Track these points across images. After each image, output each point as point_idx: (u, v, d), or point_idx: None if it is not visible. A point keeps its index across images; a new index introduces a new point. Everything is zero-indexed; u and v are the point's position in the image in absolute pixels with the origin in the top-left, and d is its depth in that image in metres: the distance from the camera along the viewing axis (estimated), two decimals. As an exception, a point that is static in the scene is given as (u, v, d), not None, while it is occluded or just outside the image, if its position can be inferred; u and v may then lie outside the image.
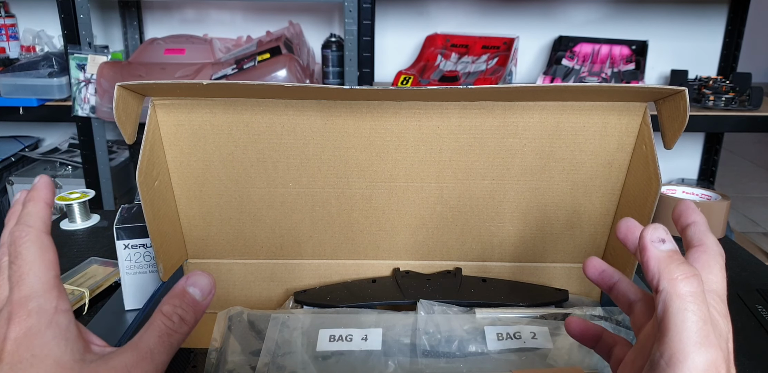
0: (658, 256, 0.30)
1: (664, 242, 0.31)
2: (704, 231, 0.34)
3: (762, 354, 0.62)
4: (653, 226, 0.31)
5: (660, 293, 0.29)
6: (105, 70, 1.59)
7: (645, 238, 0.31)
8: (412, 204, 0.63)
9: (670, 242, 0.31)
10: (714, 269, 0.32)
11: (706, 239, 0.33)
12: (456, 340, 0.56)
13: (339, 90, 0.52)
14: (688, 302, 0.28)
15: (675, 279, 0.29)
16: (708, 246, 0.33)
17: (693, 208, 0.35)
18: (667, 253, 0.30)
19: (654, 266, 0.30)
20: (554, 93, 0.57)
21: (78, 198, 0.92)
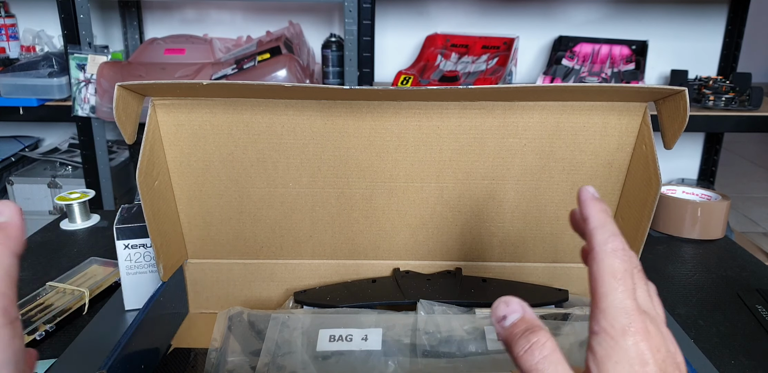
0: (502, 336, 0.31)
1: (505, 318, 0.32)
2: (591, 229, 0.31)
3: (762, 354, 0.62)
4: (494, 304, 0.32)
5: None
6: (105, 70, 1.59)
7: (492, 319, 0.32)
8: (412, 204, 0.63)
9: (512, 312, 0.31)
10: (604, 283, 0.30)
11: (592, 240, 0.31)
12: (456, 340, 0.56)
13: (339, 90, 0.52)
14: None
15: (520, 357, 0.30)
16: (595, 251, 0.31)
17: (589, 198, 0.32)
18: (508, 331, 0.31)
19: (504, 344, 0.31)
20: (554, 93, 0.57)
21: (78, 198, 0.92)
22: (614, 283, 0.30)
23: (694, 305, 0.72)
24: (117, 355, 0.49)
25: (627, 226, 0.60)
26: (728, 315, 0.70)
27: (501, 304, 0.32)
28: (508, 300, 0.32)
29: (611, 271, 0.30)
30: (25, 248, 0.30)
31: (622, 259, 0.30)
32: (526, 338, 0.30)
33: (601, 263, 0.30)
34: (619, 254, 0.30)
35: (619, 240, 0.31)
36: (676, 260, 0.84)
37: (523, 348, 0.30)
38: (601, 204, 0.32)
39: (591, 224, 0.32)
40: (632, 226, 0.59)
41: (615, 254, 0.30)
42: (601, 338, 0.29)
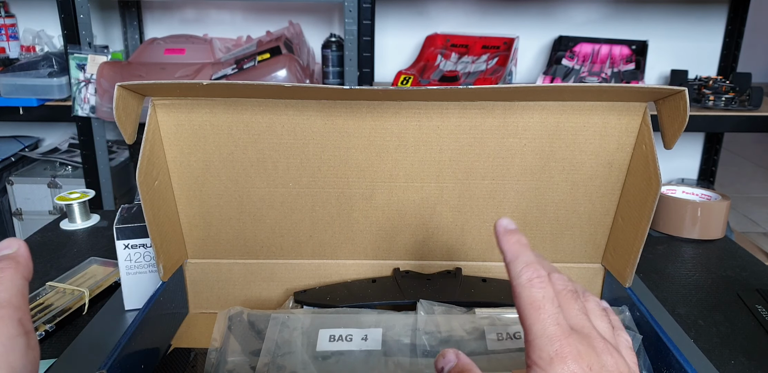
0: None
1: (443, 370, 0.34)
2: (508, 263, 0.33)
3: (762, 354, 0.62)
4: (437, 357, 0.35)
5: None
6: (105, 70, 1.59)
7: None
8: (412, 204, 0.63)
9: (446, 362, 0.34)
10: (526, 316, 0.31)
11: (510, 273, 0.32)
12: (456, 340, 0.56)
13: (339, 90, 0.52)
14: None
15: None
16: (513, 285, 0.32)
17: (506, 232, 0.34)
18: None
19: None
20: (554, 93, 0.57)
21: (78, 198, 0.92)
22: (535, 313, 0.30)
23: (694, 305, 0.72)
24: (117, 355, 0.49)
25: (627, 226, 0.60)
26: (728, 315, 0.70)
27: (439, 358, 0.34)
28: (444, 353, 0.34)
29: (530, 301, 0.31)
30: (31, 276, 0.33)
31: (539, 287, 0.31)
32: None
33: (520, 296, 0.31)
34: (535, 282, 0.31)
35: (532, 269, 0.32)
36: (676, 260, 0.84)
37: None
38: (515, 235, 0.34)
39: (506, 258, 0.33)
40: (632, 226, 0.59)
41: (531, 283, 0.31)
42: (533, 371, 0.30)
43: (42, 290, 0.70)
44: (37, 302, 0.68)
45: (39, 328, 0.63)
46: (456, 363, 0.33)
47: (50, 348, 0.62)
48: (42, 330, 0.63)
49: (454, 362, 0.34)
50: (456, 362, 0.34)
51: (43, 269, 0.78)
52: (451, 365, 0.34)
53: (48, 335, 0.63)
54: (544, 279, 0.31)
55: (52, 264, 0.80)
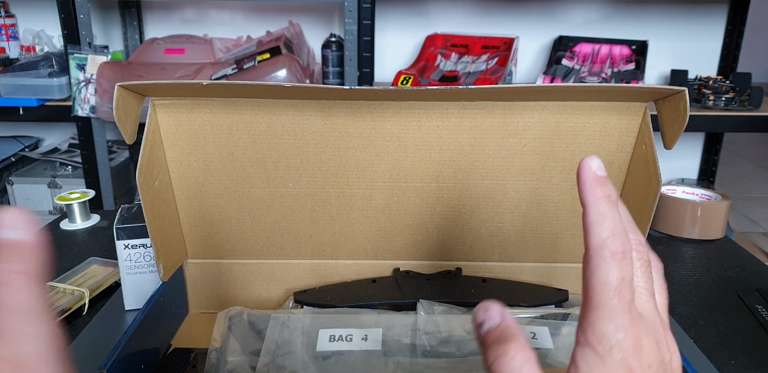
0: (479, 341, 0.29)
1: (482, 325, 0.29)
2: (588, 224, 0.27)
3: (762, 354, 0.62)
4: (475, 310, 0.29)
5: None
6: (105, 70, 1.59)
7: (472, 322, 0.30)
8: (412, 204, 0.63)
9: (489, 319, 0.28)
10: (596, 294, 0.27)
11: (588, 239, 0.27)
12: (456, 340, 0.56)
13: (339, 90, 0.52)
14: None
15: (490, 366, 0.28)
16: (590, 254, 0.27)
17: None
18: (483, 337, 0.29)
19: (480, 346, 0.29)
20: (554, 93, 0.57)
21: (78, 198, 0.92)
22: (608, 295, 0.26)
23: (694, 305, 0.72)
24: (117, 355, 0.49)
25: (627, 226, 0.60)
26: (728, 315, 0.70)
27: (480, 310, 0.29)
28: (488, 306, 0.28)
29: (605, 281, 0.26)
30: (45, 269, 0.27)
31: (621, 266, 0.26)
32: (496, 348, 0.27)
33: (595, 271, 0.26)
34: (618, 259, 0.26)
35: (619, 240, 0.26)
36: (676, 260, 0.84)
37: (492, 356, 0.27)
38: (605, 188, 0.27)
39: (589, 215, 0.27)
40: (632, 226, 0.59)
41: (614, 259, 0.26)
42: (586, 352, 0.27)
43: (42, 290, 0.70)
44: (37, 302, 0.68)
45: (39, 328, 0.63)
46: (499, 324, 0.28)
47: (50, 348, 0.62)
48: (42, 330, 0.63)
49: (497, 321, 0.28)
50: (500, 322, 0.28)
51: (43, 269, 0.78)
52: (493, 323, 0.28)
53: (48, 335, 0.63)
54: (629, 255, 0.27)
55: (52, 264, 0.79)
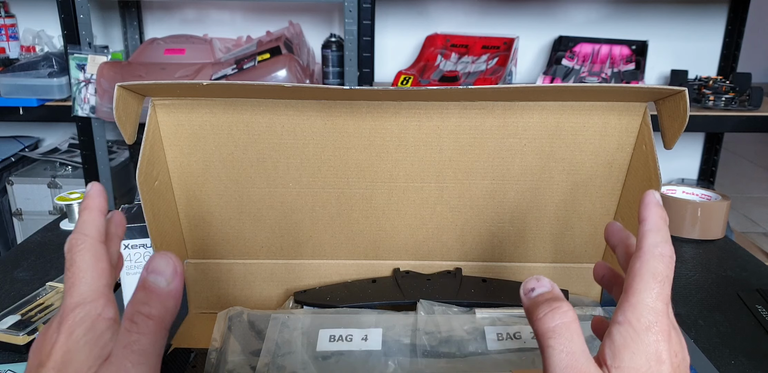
0: (526, 304, 0.32)
1: (533, 290, 0.32)
2: (646, 231, 0.33)
3: (762, 354, 0.62)
4: (526, 279, 0.33)
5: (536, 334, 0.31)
6: (105, 70, 1.59)
7: (521, 292, 0.33)
8: (412, 204, 0.63)
9: (541, 286, 0.32)
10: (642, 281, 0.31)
11: (644, 241, 0.32)
12: (456, 340, 0.56)
13: (339, 90, 0.52)
14: (548, 338, 0.29)
15: (539, 319, 0.30)
16: (643, 251, 0.32)
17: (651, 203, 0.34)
18: (533, 299, 0.32)
19: (527, 314, 0.32)
20: (554, 93, 0.57)
21: (78, 198, 0.92)
22: (652, 283, 0.31)
23: (694, 305, 0.72)
24: (117, 355, 0.48)
25: (627, 226, 0.60)
26: (728, 315, 0.70)
27: (532, 279, 0.32)
28: (539, 277, 0.33)
29: (654, 272, 0.31)
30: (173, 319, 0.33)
31: (667, 264, 0.31)
32: (549, 304, 0.30)
33: (646, 263, 0.31)
34: (666, 259, 0.31)
35: (669, 248, 0.32)
36: (676, 259, 0.84)
37: (543, 311, 0.30)
38: (663, 212, 0.33)
39: (647, 225, 0.33)
40: (632, 226, 0.59)
41: (662, 258, 0.31)
42: (624, 328, 0.30)
43: (42, 290, 0.70)
44: (37, 302, 0.68)
45: (39, 328, 0.63)
46: (549, 291, 0.32)
47: (50, 348, 0.62)
48: (42, 330, 0.63)
49: (548, 289, 0.32)
50: (550, 289, 0.32)
51: (43, 269, 0.78)
52: (544, 289, 0.32)
53: (48, 335, 0.63)
54: (673, 262, 0.32)
55: (52, 264, 0.80)
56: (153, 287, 0.31)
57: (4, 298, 0.71)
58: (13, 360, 0.60)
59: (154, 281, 0.31)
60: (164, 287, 0.31)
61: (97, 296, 0.32)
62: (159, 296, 0.31)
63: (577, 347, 0.29)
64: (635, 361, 0.29)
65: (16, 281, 0.75)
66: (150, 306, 0.31)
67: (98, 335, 0.31)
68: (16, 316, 0.64)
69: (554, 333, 0.29)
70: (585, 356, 0.29)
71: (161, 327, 0.31)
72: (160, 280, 0.31)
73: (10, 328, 0.62)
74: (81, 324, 0.31)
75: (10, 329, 0.62)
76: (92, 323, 0.31)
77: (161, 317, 0.31)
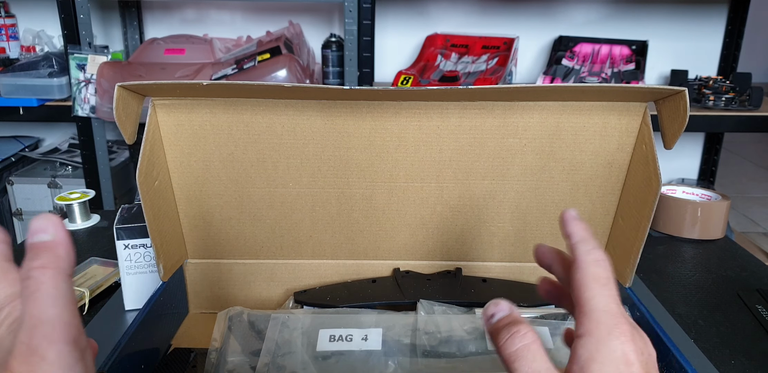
0: (489, 330, 0.33)
1: (493, 316, 0.33)
2: (575, 244, 0.34)
3: (762, 354, 0.62)
4: (486, 305, 0.34)
5: None
6: (105, 70, 1.59)
7: (483, 317, 0.34)
8: (412, 204, 0.63)
9: (499, 311, 0.33)
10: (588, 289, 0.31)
11: (576, 252, 0.33)
12: (456, 340, 0.56)
13: (339, 90, 0.52)
14: (512, 362, 0.30)
15: (501, 345, 0.31)
16: (578, 261, 0.33)
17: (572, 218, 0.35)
18: (494, 326, 0.33)
19: (491, 340, 0.33)
20: (554, 93, 0.57)
21: (78, 198, 0.92)
22: (600, 288, 0.31)
23: (694, 305, 0.72)
24: (117, 355, 0.49)
25: (627, 226, 0.60)
26: (728, 315, 0.70)
27: (491, 305, 0.33)
28: (497, 301, 0.33)
29: (595, 277, 0.31)
30: (73, 268, 0.29)
31: (605, 268, 0.32)
32: (508, 329, 0.31)
33: (585, 271, 0.32)
34: (602, 263, 0.32)
35: (600, 253, 0.32)
36: (676, 260, 0.84)
37: (504, 337, 0.31)
38: (584, 224, 0.35)
39: (574, 238, 0.34)
40: (632, 226, 0.59)
41: (598, 263, 0.32)
42: (585, 340, 0.30)
43: (42, 290, 0.70)
44: (37, 302, 0.68)
45: (39, 328, 0.63)
46: (508, 314, 0.33)
47: (50, 348, 0.62)
48: (42, 330, 0.63)
49: (506, 312, 0.33)
50: (508, 313, 0.33)
51: (43, 269, 0.78)
52: (502, 314, 0.33)
53: (48, 335, 0.63)
54: (609, 265, 0.32)
55: (52, 264, 0.79)
56: (38, 243, 0.29)
57: (4, 298, 0.71)
58: (13, 360, 0.60)
59: (39, 239, 0.29)
60: (49, 240, 0.29)
61: None
62: (47, 249, 0.29)
63: (540, 366, 0.30)
64: (605, 370, 0.29)
65: (16, 281, 0.75)
66: (41, 258, 0.28)
67: None
68: (16, 316, 0.64)
69: (517, 356, 0.30)
70: None
71: (60, 273, 0.28)
72: (44, 236, 0.29)
73: (10, 328, 0.62)
74: None
75: (10, 329, 0.62)
76: None
77: (56, 265, 0.28)
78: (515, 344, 0.30)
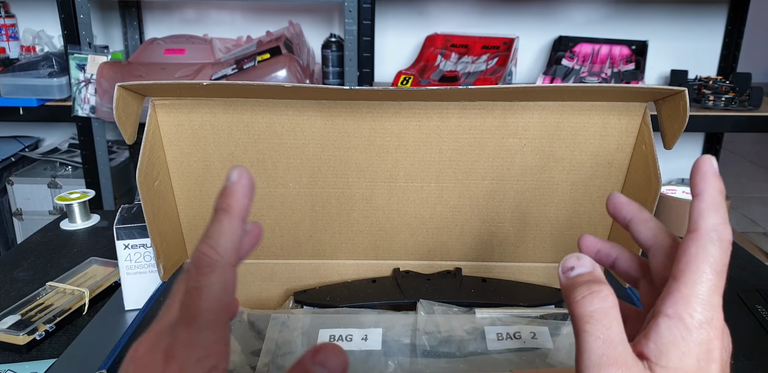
0: (564, 284, 0.29)
1: (572, 269, 0.29)
2: (703, 209, 0.29)
3: (762, 354, 0.62)
4: (566, 257, 0.30)
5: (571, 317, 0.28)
6: (105, 70, 1.59)
7: (559, 270, 0.30)
8: (412, 204, 0.63)
9: (581, 266, 0.29)
10: (698, 270, 0.28)
11: (701, 221, 0.28)
12: (456, 340, 0.56)
13: (339, 90, 0.52)
14: (585, 323, 0.27)
15: (576, 302, 0.28)
16: (700, 234, 0.28)
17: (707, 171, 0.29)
18: (572, 280, 0.29)
19: (563, 293, 0.29)
20: (554, 93, 0.57)
21: (78, 198, 0.92)
22: (709, 273, 0.27)
23: (694, 305, 0.72)
24: (117, 355, 0.49)
25: (627, 226, 0.60)
26: (728, 315, 0.69)
27: (572, 257, 0.30)
28: (580, 255, 0.30)
29: (712, 261, 0.27)
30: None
31: (726, 252, 0.28)
32: (589, 287, 0.28)
33: (703, 249, 0.28)
34: (725, 245, 0.28)
35: (729, 231, 0.28)
36: (676, 260, 0.84)
37: (582, 294, 0.28)
38: (721, 184, 0.29)
39: (704, 202, 0.29)
40: (632, 226, 0.59)
41: (721, 243, 0.28)
42: (674, 323, 0.27)
43: (42, 290, 0.70)
44: (37, 302, 0.68)
45: (39, 328, 0.63)
46: (590, 271, 0.29)
47: (50, 348, 0.62)
48: (42, 330, 0.63)
49: (589, 269, 0.29)
50: (591, 270, 0.29)
51: (43, 269, 0.78)
52: (584, 270, 0.29)
53: (48, 335, 0.63)
54: (730, 248, 0.28)
55: (52, 264, 0.80)
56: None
57: (4, 298, 0.71)
58: (13, 360, 0.60)
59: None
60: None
61: (217, 349, 0.27)
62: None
63: (615, 335, 0.27)
64: (685, 362, 0.26)
65: (16, 281, 0.75)
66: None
67: None
68: (16, 316, 0.64)
69: (591, 318, 0.27)
70: (623, 345, 0.27)
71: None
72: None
73: (10, 328, 0.62)
74: None
75: (10, 329, 0.62)
76: None
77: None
78: (593, 305, 0.27)
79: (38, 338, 0.62)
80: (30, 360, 0.60)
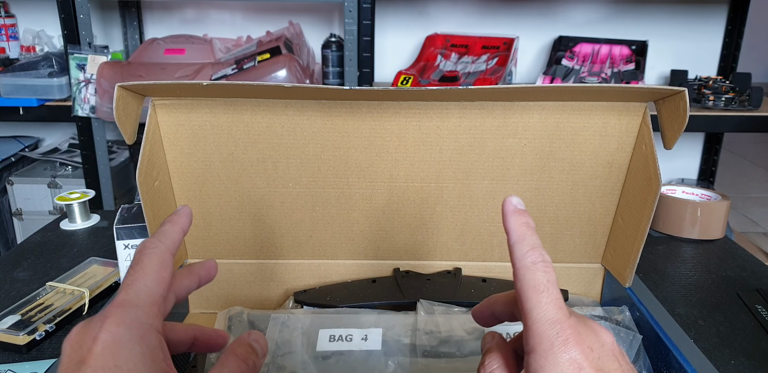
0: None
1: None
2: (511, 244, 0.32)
3: (762, 354, 0.62)
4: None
5: None
6: (105, 70, 1.59)
7: None
8: (412, 204, 0.63)
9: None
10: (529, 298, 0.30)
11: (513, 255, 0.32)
12: (456, 340, 0.56)
13: (339, 90, 0.52)
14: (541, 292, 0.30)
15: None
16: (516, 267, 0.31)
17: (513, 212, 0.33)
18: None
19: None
20: (554, 93, 0.57)
21: (78, 198, 0.92)
22: (537, 296, 0.30)
23: (694, 305, 0.72)
24: (117, 355, 0.48)
25: (627, 226, 0.60)
26: (728, 315, 0.70)
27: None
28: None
29: (534, 284, 0.30)
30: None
31: (543, 270, 0.30)
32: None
33: (522, 278, 0.30)
34: (540, 266, 0.30)
35: (538, 252, 0.31)
36: (676, 260, 0.84)
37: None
38: (523, 217, 0.33)
39: (511, 238, 0.32)
40: (632, 226, 0.59)
41: (535, 266, 0.30)
42: (531, 357, 0.29)
43: (42, 290, 0.70)
44: (37, 302, 0.68)
45: (39, 328, 0.63)
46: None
47: (50, 348, 0.62)
48: (42, 330, 0.63)
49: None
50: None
51: (43, 269, 0.78)
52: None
53: (48, 335, 0.63)
54: (549, 264, 0.31)
55: (52, 264, 0.80)
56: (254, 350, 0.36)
57: (4, 298, 0.71)
58: (13, 360, 0.60)
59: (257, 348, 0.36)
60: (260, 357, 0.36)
61: (152, 303, 0.31)
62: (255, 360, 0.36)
63: (564, 304, 0.29)
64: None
65: (16, 281, 0.75)
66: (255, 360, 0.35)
67: (153, 348, 0.30)
68: (16, 316, 0.64)
69: (548, 287, 0.30)
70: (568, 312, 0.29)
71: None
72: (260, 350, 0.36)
73: (10, 328, 0.62)
74: (129, 329, 0.30)
75: (10, 329, 0.62)
76: (143, 332, 0.30)
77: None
78: (549, 274, 0.30)
79: (38, 338, 0.62)
80: (30, 360, 0.60)
